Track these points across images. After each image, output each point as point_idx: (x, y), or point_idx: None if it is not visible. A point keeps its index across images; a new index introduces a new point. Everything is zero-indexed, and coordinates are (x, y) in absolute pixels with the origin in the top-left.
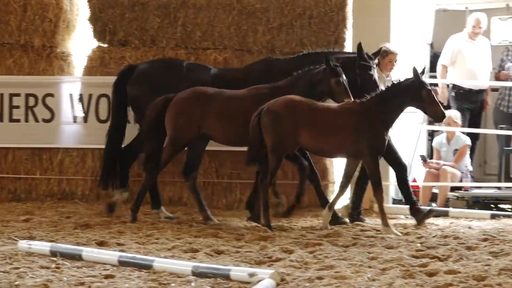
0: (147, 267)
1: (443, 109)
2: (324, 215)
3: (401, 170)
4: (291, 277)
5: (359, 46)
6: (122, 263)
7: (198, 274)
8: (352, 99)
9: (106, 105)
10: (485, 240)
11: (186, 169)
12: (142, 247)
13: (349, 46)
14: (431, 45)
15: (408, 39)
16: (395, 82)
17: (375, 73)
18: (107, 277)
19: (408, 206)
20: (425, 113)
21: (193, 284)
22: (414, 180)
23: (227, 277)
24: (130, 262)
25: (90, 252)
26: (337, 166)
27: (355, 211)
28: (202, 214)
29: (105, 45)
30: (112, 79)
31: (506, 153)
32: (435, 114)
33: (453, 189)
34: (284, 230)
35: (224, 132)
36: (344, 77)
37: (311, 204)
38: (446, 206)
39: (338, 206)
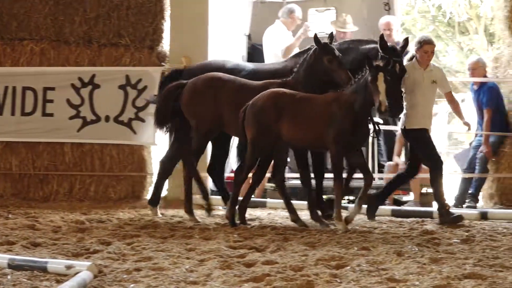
0: None
1: None
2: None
3: (436, 169)
4: (108, 269)
5: (382, 37)
6: None
7: (15, 267)
8: (350, 76)
9: None
10: (302, 230)
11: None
12: None
13: (167, 37)
14: (249, 37)
15: (226, 30)
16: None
17: (398, 69)
18: None
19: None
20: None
21: (9, 277)
22: (232, 171)
23: (44, 269)
24: None
25: None
26: (155, 157)
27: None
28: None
29: None
30: None
31: None
32: None
33: (270, 180)
34: (102, 222)
35: (233, 122)
36: (337, 53)
37: (128, 195)
38: (264, 197)
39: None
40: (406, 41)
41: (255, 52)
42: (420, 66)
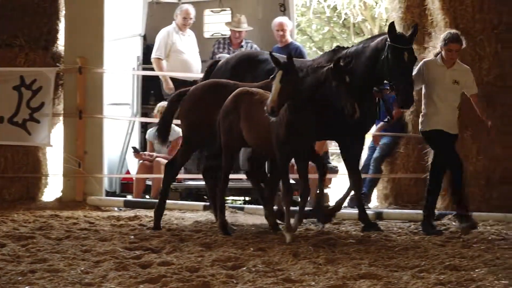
0: None
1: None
2: None
3: (455, 171)
4: (3, 271)
5: (392, 25)
6: None
7: None
8: (357, 110)
9: None
10: (198, 231)
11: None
12: None
13: (61, 38)
14: (144, 37)
15: (121, 31)
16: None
17: (407, 57)
18: None
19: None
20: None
21: None
22: (128, 172)
23: None
24: None
25: None
26: (50, 159)
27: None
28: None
29: None
30: None
31: None
32: None
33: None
34: None
35: None
36: (348, 78)
37: (22, 197)
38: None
39: None
40: (415, 28)
41: (150, 53)
42: (444, 63)
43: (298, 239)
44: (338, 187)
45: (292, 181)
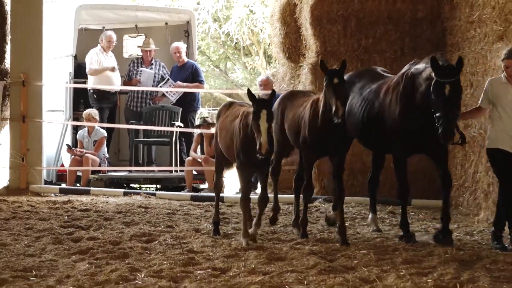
0: None
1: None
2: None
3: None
4: None
5: (434, 59)
6: None
7: None
8: (340, 113)
9: None
10: (119, 212)
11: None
12: None
13: (8, 57)
14: (75, 57)
15: (56, 52)
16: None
17: (448, 90)
18: None
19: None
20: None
21: None
22: (62, 165)
23: None
24: None
25: None
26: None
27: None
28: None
29: None
30: None
31: (135, 143)
32: None
33: (93, 172)
34: None
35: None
36: (335, 81)
37: None
38: (88, 186)
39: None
40: (460, 60)
41: (80, 70)
42: (507, 80)
43: (200, 218)
44: (232, 177)
45: None
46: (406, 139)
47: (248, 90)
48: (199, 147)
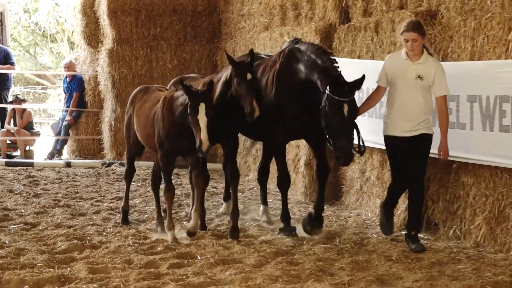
0: None
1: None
2: None
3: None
4: None
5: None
6: None
7: None
8: (256, 114)
9: None
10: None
11: None
12: None
13: None
14: None
15: None
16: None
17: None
18: None
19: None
20: None
21: None
22: None
23: None
24: None
25: None
26: None
27: None
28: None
29: None
30: None
31: None
32: None
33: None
34: None
35: None
36: (249, 75)
37: None
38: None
39: None
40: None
41: None
42: (407, 56)
43: (12, 181)
44: (40, 146)
45: None
46: (285, 122)
47: (181, 83)
48: (12, 120)
